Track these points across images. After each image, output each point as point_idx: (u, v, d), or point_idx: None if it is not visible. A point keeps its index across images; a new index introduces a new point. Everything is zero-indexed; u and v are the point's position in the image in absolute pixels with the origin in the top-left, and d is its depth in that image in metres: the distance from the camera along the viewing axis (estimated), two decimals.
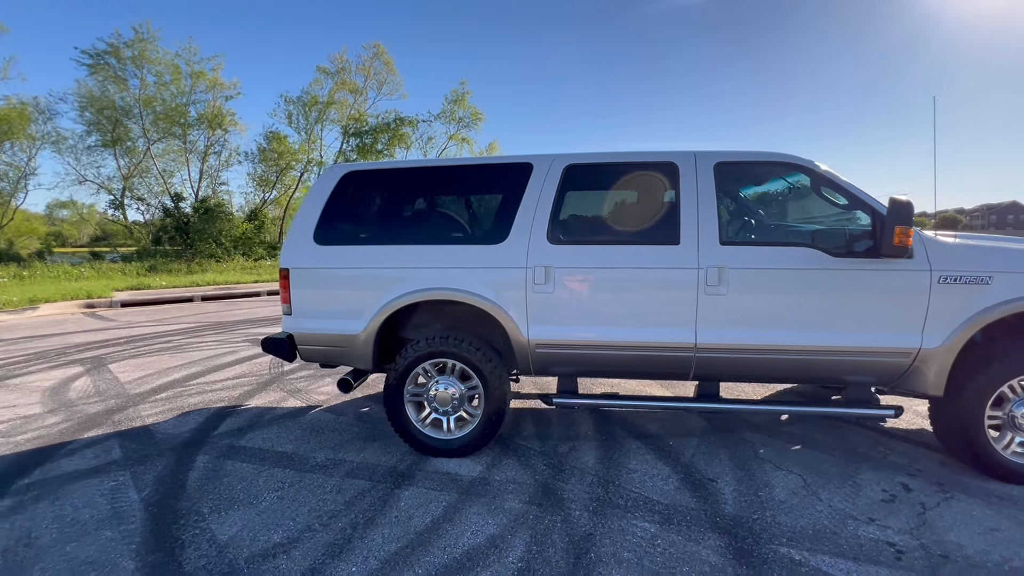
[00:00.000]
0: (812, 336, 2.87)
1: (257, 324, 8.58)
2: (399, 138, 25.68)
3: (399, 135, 25.63)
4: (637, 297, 2.99)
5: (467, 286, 3.07)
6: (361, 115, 26.09)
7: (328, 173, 3.39)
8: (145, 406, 4.28)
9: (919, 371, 2.84)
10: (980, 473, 2.90)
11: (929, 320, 2.78)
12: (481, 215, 3.26)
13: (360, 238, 3.30)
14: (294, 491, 2.82)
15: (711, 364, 2.99)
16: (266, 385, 4.88)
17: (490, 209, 3.32)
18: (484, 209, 3.34)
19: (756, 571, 2.12)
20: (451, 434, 3.20)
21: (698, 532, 2.39)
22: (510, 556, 2.22)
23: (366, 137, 25.34)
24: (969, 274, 2.74)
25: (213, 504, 2.68)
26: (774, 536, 2.36)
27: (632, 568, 2.14)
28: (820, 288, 2.85)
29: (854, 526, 2.44)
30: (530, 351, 3.09)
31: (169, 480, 2.94)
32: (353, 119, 25.84)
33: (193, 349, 6.54)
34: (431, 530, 2.43)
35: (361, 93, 26.35)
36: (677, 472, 3.00)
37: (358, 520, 2.52)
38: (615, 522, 2.48)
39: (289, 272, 3.27)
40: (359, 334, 3.21)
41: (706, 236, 2.93)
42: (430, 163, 3.27)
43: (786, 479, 2.91)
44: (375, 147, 25.91)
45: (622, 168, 3.17)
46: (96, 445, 3.46)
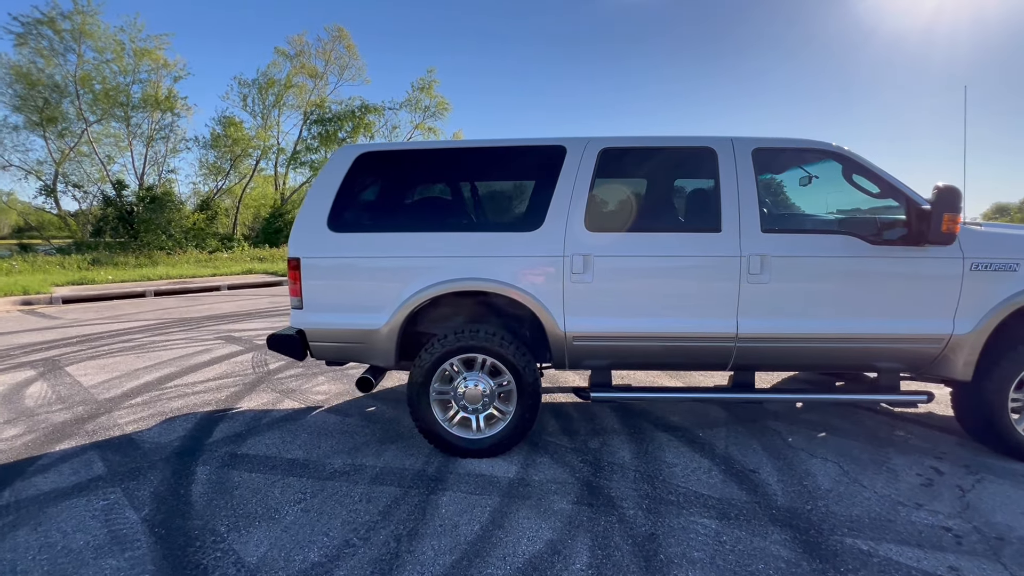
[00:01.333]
0: (850, 324, 2.87)
1: (226, 320, 8.01)
2: (364, 126, 24.75)
3: (364, 123, 24.69)
4: (678, 286, 2.89)
5: (501, 276, 2.88)
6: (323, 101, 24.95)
7: (340, 155, 3.09)
8: (121, 412, 3.84)
9: (949, 357, 2.89)
10: (1002, 454, 3.00)
11: (961, 307, 2.83)
12: (510, 200, 3.07)
13: (381, 224, 3.04)
14: (319, 502, 2.56)
15: (751, 354, 2.94)
16: (254, 386, 4.51)
17: (520, 194, 3.13)
18: (513, 194, 3.14)
19: (830, 564, 2.07)
20: (481, 433, 3.01)
21: (759, 526, 2.33)
22: (577, 563, 2.08)
23: (329, 124, 24.26)
24: (998, 261, 2.81)
25: (229, 521, 2.39)
26: (835, 527, 2.33)
27: (707, 568, 2.04)
28: (859, 276, 2.85)
29: (905, 512, 2.45)
30: (567, 344, 2.94)
31: (170, 496, 2.62)
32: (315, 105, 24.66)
33: (160, 348, 6.00)
34: (483, 538, 2.25)
35: (321, 78, 25.17)
36: (717, 464, 2.94)
37: (400, 531, 2.31)
38: (673, 520, 2.39)
39: (300, 262, 2.97)
40: (380, 328, 2.96)
41: (747, 223, 2.87)
42: (455, 144, 3.04)
43: (824, 467, 2.91)
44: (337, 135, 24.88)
45: (658, 153, 3.05)
46: (73, 459, 3.05)
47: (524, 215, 2.97)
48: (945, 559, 2.10)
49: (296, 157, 24.93)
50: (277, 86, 23.50)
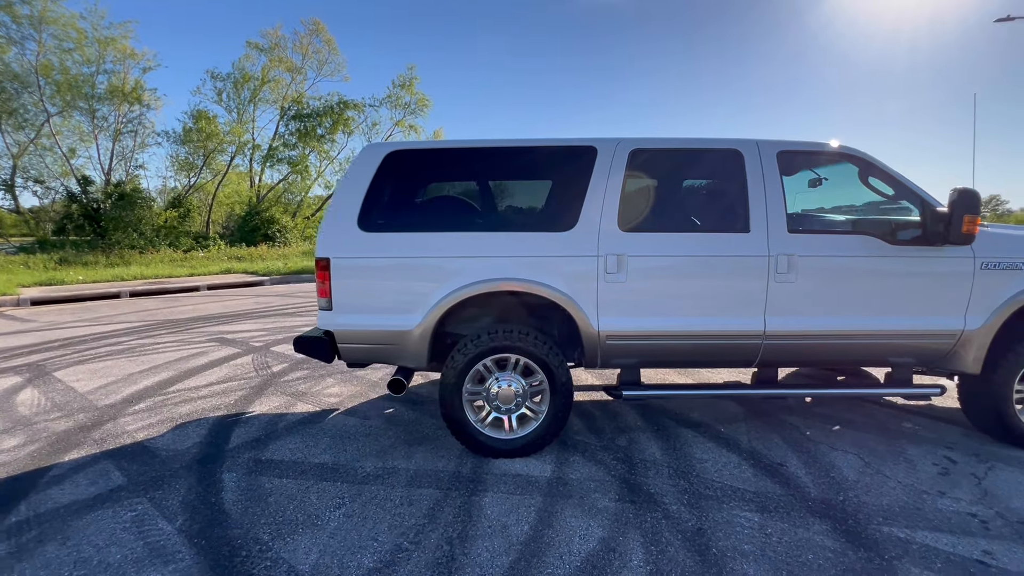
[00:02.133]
0: (870, 321, 2.98)
1: (214, 321, 7.76)
2: (343, 122, 24.23)
3: (343, 119, 24.18)
4: (709, 286, 2.95)
5: (536, 276, 2.88)
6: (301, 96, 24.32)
7: (368, 154, 3.03)
8: (126, 419, 3.68)
9: (960, 351, 3.04)
10: (1006, 444, 3.16)
11: (972, 304, 2.98)
12: (541, 200, 3.07)
13: (413, 224, 3.00)
14: (359, 507, 2.52)
15: (777, 351, 3.02)
16: (261, 389, 4.39)
17: (551, 194, 3.13)
18: (544, 194, 3.14)
19: (873, 552, 2.15)
20: (514, 433, 3.01)
21: (799, 518, 2.41)
22: (633, 559, 2.11)
23: (307, 120, 23.65)
24: (1006, 260, 2.96)
25: (271, 529, 2.33)
26: (870, 516, 2.42)
27: (760, 560, 2.10)
28: (879, 275, 2.96)
29: (931, 500, 2.57)
30: (600, 343, 2.96)
31: (201, 505, 2.53)
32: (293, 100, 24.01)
33: (152, 351, 5.77)
34: (535, 538, 2.26)
35: (299, 72, 24.50)
36: (744, 458, 3.02)
37: (450, 534, 2.29)
38: (716, 514, 2.44)
39: (330, 262, 2.90)
40: (413, 330, 2.92)
41: (774, 224, 2.95)
42: (486, 144, 3.02)
43: (845, 459, 3.02)
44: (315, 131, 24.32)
45: (685, 154, 3.10)
46: (87, 469, 2.91)
47: (557, 215, 2.98)
48: (977, 544, 2.21)
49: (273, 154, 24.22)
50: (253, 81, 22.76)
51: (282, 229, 22.96)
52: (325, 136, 24.29)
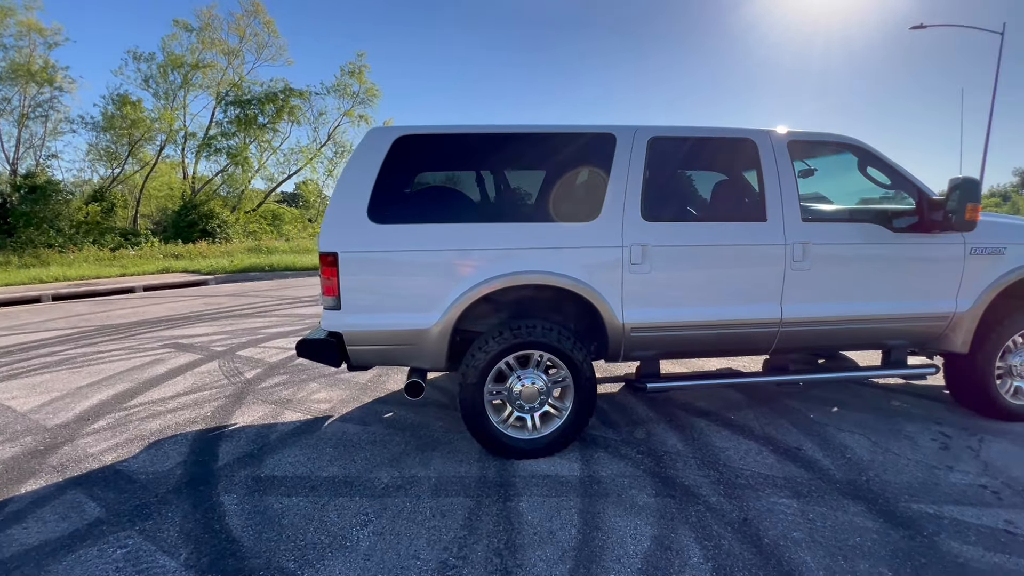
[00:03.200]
0: (875, 306, 3.09)
1: (162, 326, 7.07)
2: (288, 110, 22.88)
3: (288, 107, 22.82)
4: (729, 275, 2.95)
5: (560, 268, 2.76)
6: (240, 81, 22.69)
7: (373, 139, 2.78)
8: (86, 440, 3.23)
9: (951, 332, 3.22)
10: (988, 417, 3.40)
11: (962, 287, 3.16)
12: (561, 189, 2.94)
13: (429, 215, 2.78)
14: (388, 523, 2.32)
15: (792, 338, 3.08)
16: (239, 398, 4.01)
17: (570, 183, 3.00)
18: (563, 183, 3.01)
19: (913, 529, 2.22)
20: (537, 432, 2.89)
21: (834, 501, 2.45)
22: (692, 556, 2.06)
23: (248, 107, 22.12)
24: (992, 246, 3.16)
25: (296, 556, 2.08)
26: (896, 494, 2.50)
27: (813, 547, 2.11)
28: (883, 261, 3.08)
29: (943, 475, 2.70)
30: (625, 335, 2.89)
31: (205, 534, 2.23)
32: (231, 85, 22.36)
33: (96, 361, 5.16)
34: (586, 542, 2.15)
35: (236, 55, 22.84)
36: (763, 445, 3.06)
37: (496, 545, 2.14)
38: (755, 503, 2.44)
39: (338, 257, 2.64)
40: (431, 328, 2.72)
41: (789, 213, 2.98)
42: (501, 129, 2.84)
43: (854, 439, 3.13)
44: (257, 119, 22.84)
45: (702, 143, 3.08)
46: (51, 501, 2.51)
47: (579, 205, 2.86)
48: (997, 514, 2.34)
49: (209, 143, 22.47)
50: (184, 64, 20.96)
51: (222, 224, 21.45)
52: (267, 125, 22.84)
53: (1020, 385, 3.36)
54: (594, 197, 2.86)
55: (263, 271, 14.48)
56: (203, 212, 21.16)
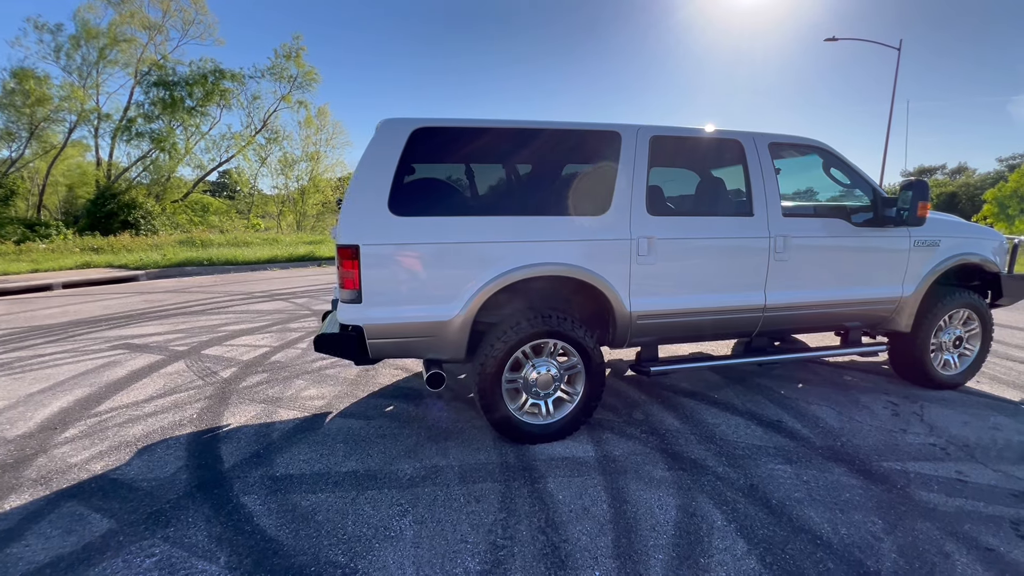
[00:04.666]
0: (841, 292, 3.49)
1: (102, 325, 6.48)
2: (220, 94, 21.26)
3: (220, 90, 21.21)
4: (724, 265, 3.21)
5: (577, 260, 2.89)
6: (165, 59, 20.76)
7: (389, 130, 2.75)
8: (62, 450, 2.97)
9: (896, 316, 3.70)
10: (923, 387, 3.93)
11: (907, 274, 3.63)
12: (571, 184, 3.05)
13: (449, 207, 2.79)
14: (426, 511, 2.36)
15: (772, 322, 3.40)
16: (222, 398, 3.82)
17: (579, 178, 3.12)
18: (573, 177, 3.12)
19: (889, 483, 2.57)
20: (551, 417, 3.02)
21: (820, 463, 2.78)
22: (716, 520, 2.28)
23: (174, 89, 20.31)
24: (929, 238, 3.65)
25: (343, 550, 2.08)
26: (868, 456, 2.87)
27: (815, 504, 2.39)
28: (847, 252, 3.47)
29: (900, 436, 3.12)
30: (632, 323, 3.08)
31: (238, 536, 2.17)
32: (154, 64, 20.40)
33: (39, 366, 4.67)
34: (620, 515, 2.32)
35: (159, 31, 20.86)
36: (748, 419, 3.37)
37: (539, 523, 2.26)
38: (756, 469, 2.71)
39: (359, 250, 2.60)
40: (452, 319, 2.76)
41: (772, 208, 3.29)
42: (516, 124, 2.89)
43: (822, 411, 3.52)
44: (183, 102, 21.06)
45: (695, 142, 3.31)
46: (48, 516, 2.31)
47: (590, 199, 2.99)
48: (949, 467, 2.76)
49: (129, 125, 20.39)
50: (100, 36, 18.86)
51: (147, 215, 19.68)
52: (196, 108, 21.13)
53: (948, 358, 3.92)
54: (604, 192, 3.01)
55: (201, 265, 13.50)
56: (123, 201, 19.23)
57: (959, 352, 3.96)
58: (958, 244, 3.77)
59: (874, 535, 2.17)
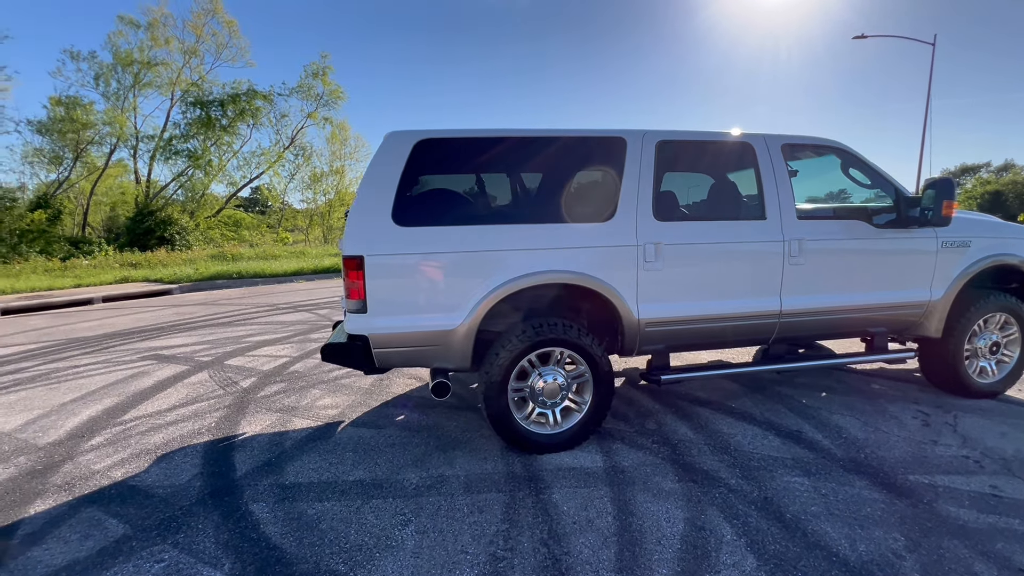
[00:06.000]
0: (863, 296, 3.35)
1: (135, 337, 6.76)
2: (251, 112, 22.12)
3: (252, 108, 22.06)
4: (735, 270, 3.13)
5: (582, 267, 2.86)
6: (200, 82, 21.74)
7: (394, 142, 2.80)
8: (88, 457, 3.09)
9: (925, 320, 3.52)
10: (957, 396, 3.72)
11: (936, 278, 3.46)
12: (575, 191, 3.04)
13: (452, 217, 2.82)
14: (427, 520, 2.35)
15: (789, 328, 3.29)
16: (240, 408, 3.91)
17: (583, 184, 3.11)
18: (576, 184, 3.11)
19: (915, 498, 2.43)
20: (559, 427, 2.98)
21: (841, 476, 2.65)
22: (726, 534, 2.19)
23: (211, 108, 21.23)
24: (959, 239, 3.48)
25: (344, 559, 2.09)
26: (893, 468, 2.73)
27: (832, 519, 2.28)
28: (868, 255, 3.33)
29: (930, 448, 2.95)
30: (640, 330, 3.02)
31: (244, 543, 2.20)
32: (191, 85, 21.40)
33: (73, 376, 4.90)
34: (625, 528, 2.26)
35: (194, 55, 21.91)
36: (766, 429, 3.25)
37: (541, 535, 2.22)
38: (771, 482, 2.61)
39: (364, 260, 2.65)
40: (457, 328, 2.77)
41: (786, 211, 3.19)
42: (517, 133, 2.91)
43: (845, 421, 3.37)
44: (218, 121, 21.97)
45: (704, 146, 3.25)
46: (68, 520, 2.41)
47: (595, 206, 2.97)
48: (982, 480, 2.59)
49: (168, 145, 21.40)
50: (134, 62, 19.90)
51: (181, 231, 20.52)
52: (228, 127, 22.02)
53: (984, 365, 3.71)
54: (609, 198, 2.98)
55: (231, 279, 13.97)
56: (160, 218, 20.16)
57: (997, 358, 3.74)
58: (992, 244, 3.57)
59: (895, 552, 2.05)
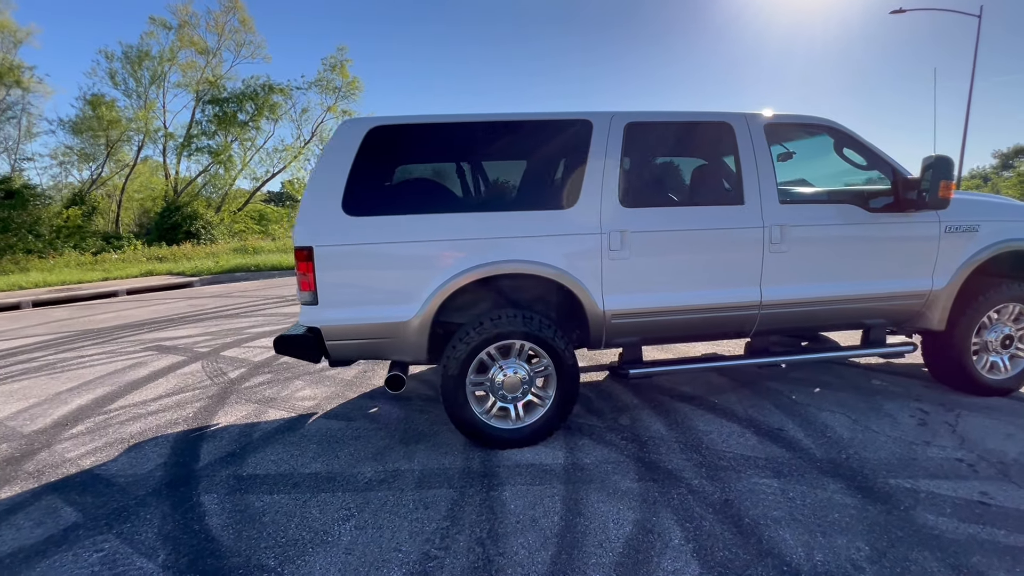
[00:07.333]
0: (854, 286, 3.12)
1: (145, 328, 6.97)
2: (268, 108, 22.54)
3: (268, 104, 22.48)
4: (709, 259, 2.95)
5: (541, 257, 2.75)
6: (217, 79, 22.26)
7: (346, 130, 2.73)
8: (64, 445, 3.18)
9: (927, 311, 3.26)
10: (965, 392, 3.45)
11: (938, 265, 3.19)
12: (539, 177, 2.92)
13: (404, 206, 2.74)
14: (371, 516, 2.30)
15: (770, 320, 3.09)
16: (222, 398, 3.96)
17: (549, 170, 2.99)
18: (541, 170, 2.99)
19: (890, 504, 2.25)
20: (521, 422, 2.89)
21: (814, 479, 2.48)
22: (673, 538, 2.07)
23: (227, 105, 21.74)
24: (966, 224, 3.19)
25: (276, 552, 2.06)
26: (875, 471, 2.53)
27: (793, 524, 2.13)
28: (860, 241, 3.10)
29: (921, 450, 2.74)
30: (606, 322, 2.89)
31: (184, 535, 2.20)
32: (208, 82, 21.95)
33: (76, 366, 5.07)
34: (569, 529, 2.16)
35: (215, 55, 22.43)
36: (745, 427, 3.08)
37: (479, 534, 2.14)
38: (737, 484, 2.46)
39: (313, 251, 2.60)
40: (410, 320, 2.70)
41: (767, 195, 2.99)
42: (476, 118, 2.81)
43: (834, 419, 3.16)
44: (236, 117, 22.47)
45: (679, 127, 3.07)
46: (26, 508, 2.46)
47: (557, 192, 2.85)
48: (972, 486, 2.38)
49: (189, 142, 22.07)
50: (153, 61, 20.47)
51: (207, 225, 21.16)
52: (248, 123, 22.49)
53: (995, 360, 3.42)
54: (572, 184, 2.84)
55: (249, 271, 14.31)
56: (186, 213, 20.83)
57: (1010, 353, 3.44)
58: (1004, 229, 3.27)
59: (855, 563, 1.89)
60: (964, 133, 19.57)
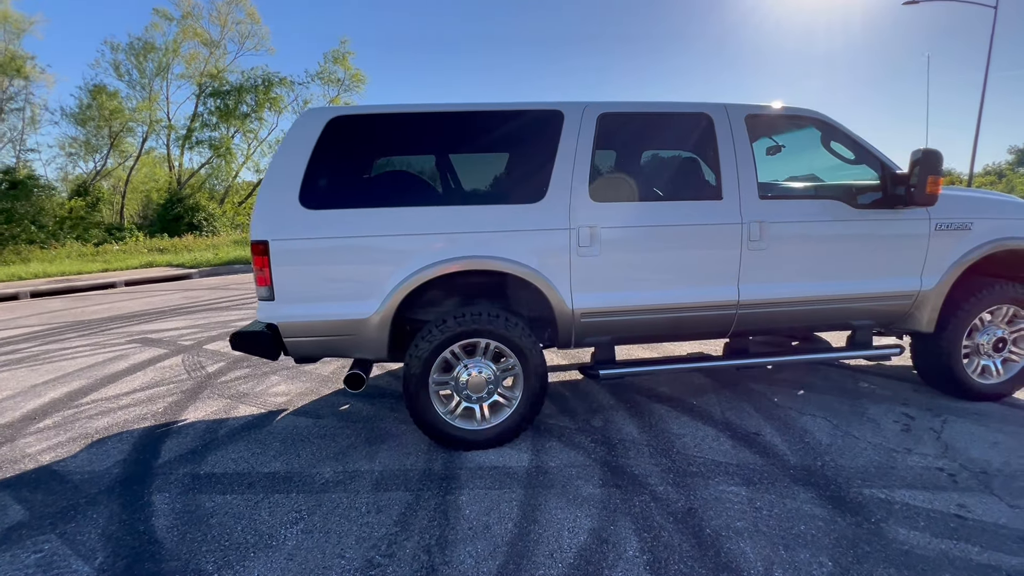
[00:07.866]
0: (838, 286, 2.99)
1: (134, 320, 6.96)
2: (270, 100, 22.47)
3: (269, 96, 22.41)
4: (684, 256, 2.84)
5: (505, 253, 2.64)
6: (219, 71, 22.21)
7: (307, 120, 2.64)
8: (28, 440, 3.14)
9: (916, 312, 3.13)
10: (955, 397, 3.32)
11: (927, 265, 3.06)
12: (506, 170, 2.82)
13: (364, 199, 2.65)
14: (320, 520, 2.23)
15: (750, 320, 2.98)
16: (196, 392, 3.91)
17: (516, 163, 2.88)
18: (509, 163, 2.88)
19: (861, 516, 2.14)
20: (486, 423, 2.80)
21: (784, 488, 2.37)
22: (628, 549, 1.98)
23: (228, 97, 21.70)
24: (957, 221, 3.05)
25: (216, 557, 2.00)
26: (849, 479, 2.43)
27: (755, 536, 2.03)
28: (845, 239, 2.97)
29: (901, 458, 2.62)
30: (575, 322, 2.79)
31: (127, 536, 2.15)
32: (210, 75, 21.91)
33: (58, 358, 5.05)
34: (521, 536, 2.07)
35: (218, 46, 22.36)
36: (721, 431, 2.98)
37: (427, 541, 2.06)
38: (703, 491, 2.36)
39: (268, 246, 2.52)
40: (370, 317, 2.62)
41: (746, 190, 2.87)
42: (441, 108, 2.70)
43: (815, 423, 3.05)
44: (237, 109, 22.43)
45: (655, 119, 2.94)
46: None
47: (524, 186, 2.74)
48: (950, 498, 2.27)
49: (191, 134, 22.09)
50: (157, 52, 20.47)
51: (209, 217, 21.21)
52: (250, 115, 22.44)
53: (987, 364, 3.28)
54: (540, 177, 2.73)
55: (247, 263, 14.32)
56: (189, 205, 20.88)
57: (1003, 357, 3.30)
58: (999, 227, 3.13)
59: None
60: (977, 127, 19.12)
